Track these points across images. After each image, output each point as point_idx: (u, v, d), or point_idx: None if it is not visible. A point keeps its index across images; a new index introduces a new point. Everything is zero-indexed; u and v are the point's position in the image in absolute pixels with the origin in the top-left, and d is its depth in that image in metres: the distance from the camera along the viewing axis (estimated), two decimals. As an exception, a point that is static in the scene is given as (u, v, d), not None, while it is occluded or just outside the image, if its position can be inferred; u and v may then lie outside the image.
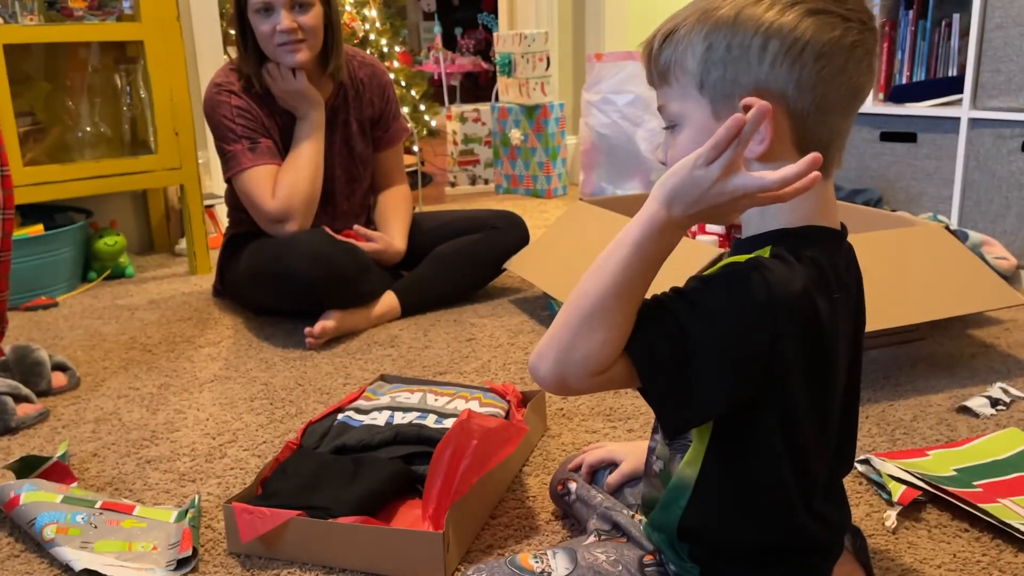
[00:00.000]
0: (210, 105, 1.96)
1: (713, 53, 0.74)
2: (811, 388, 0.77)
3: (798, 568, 0.84)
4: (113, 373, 1.73)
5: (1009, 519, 1.08)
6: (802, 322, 0.73)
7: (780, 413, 0.77)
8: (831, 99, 0.73)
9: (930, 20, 2.51)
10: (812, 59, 0.71)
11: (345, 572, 1.04)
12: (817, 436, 0.80)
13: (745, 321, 0.71)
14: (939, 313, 1.61)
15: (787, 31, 0.71)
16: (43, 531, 1.09)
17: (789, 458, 0.79)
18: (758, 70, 0.73)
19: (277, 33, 1.86)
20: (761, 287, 0.71)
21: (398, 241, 2.08)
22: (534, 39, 3.34)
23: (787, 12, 0.71)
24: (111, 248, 2.44)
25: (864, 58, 0.73)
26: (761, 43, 0.72)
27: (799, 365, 0.75)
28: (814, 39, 0.71)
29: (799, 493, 0.81)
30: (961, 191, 2.38)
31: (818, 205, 0.78)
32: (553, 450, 1.34)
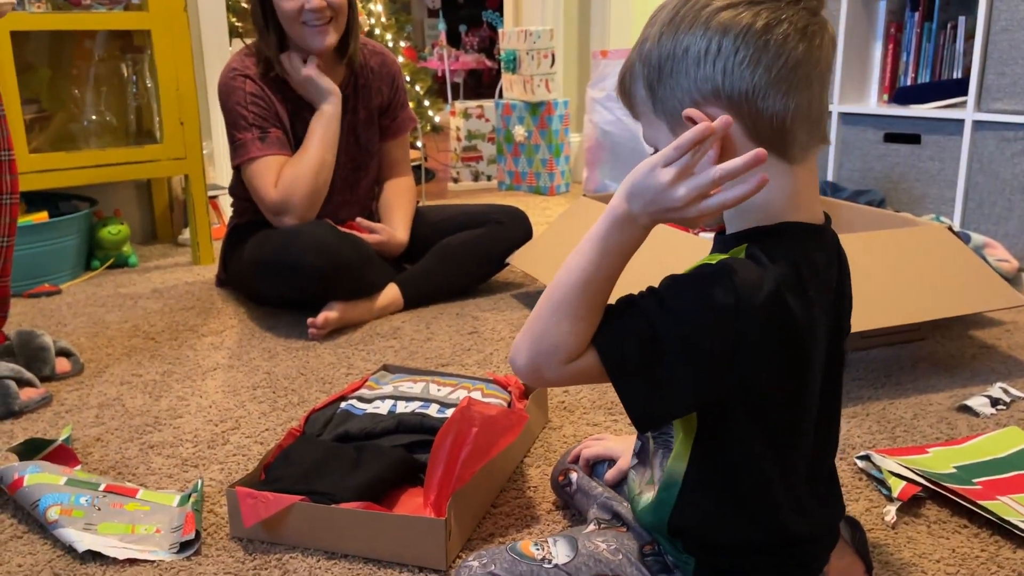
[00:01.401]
0: (224, 90, 1.95)
1: (651, 76, 0.78)
2: (785, 386, 0.77)
3: (791, 559, 0.85)
4: (116, 360, 1.74)
5: (1008, 516, 1.09)
6: (771, 324, 0.73)
7: (754, 412, 0.77)
8: (764, 81, 0.73)
9: (936, 22, 2.52)
10: (731, 52, 0.73)
11: (347, 558, 1.05)
12: (796, 431, 0.81)
13: (710, 323, 0.73)
14: (940, 313, 1.61)
15: (701, 35, 0.74)
16: (47, 512, 1.10)
17: (769, 455, 0.79)
18: (687, 79, 0.76)
19: (306, 12, 1.84)
20: (728, 291, 0.72)
21: (401, 233, 2.08)
22: (539, 36, 3.35)
23: (698, 20, 0.75)
24: (115, 237, 2.45)
25: (791, 34, 0.73)
26: (683, 53, 0.75)
27: (771, 365, 0.75)
28: (728, 34, 0.73)
29: (783, 488, 0.81)
30: (964, 193, 2.39)
31: (793, 197, 0.78)
32: (554, 442, 1.34)
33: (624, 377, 0.75)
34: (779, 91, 0.74)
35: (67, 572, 1.03)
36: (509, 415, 1.15)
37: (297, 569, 1.03)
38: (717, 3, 0.74)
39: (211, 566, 1.04)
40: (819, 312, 0.78)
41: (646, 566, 0.88)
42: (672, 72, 0.76)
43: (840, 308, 0.84)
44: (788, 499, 0.82)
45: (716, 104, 0.75)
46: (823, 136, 0.79)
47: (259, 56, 1.95)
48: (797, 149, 0.76)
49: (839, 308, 0.84)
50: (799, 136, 0.76)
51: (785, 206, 0.78)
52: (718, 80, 0.74)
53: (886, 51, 2.66)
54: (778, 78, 0.73)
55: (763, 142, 0.74)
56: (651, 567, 0.88)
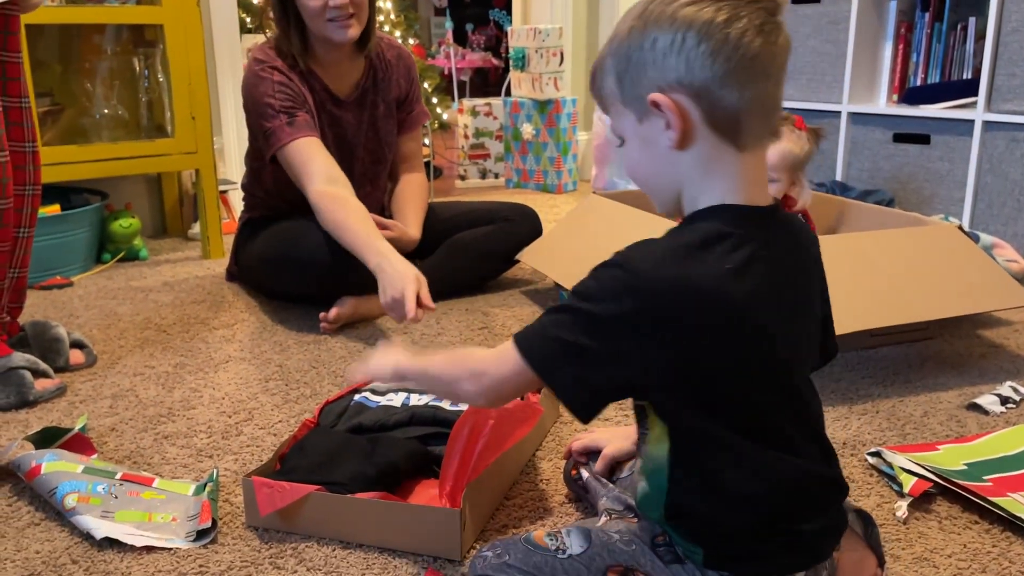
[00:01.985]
0: (251, 82, 1.92)
1: (620, 68, 0.83)
2: (729, 362, 0.79)
3: (794, 542, 0.84)
4: (129, 352, 1.75)
5: (1019, 512, 1.09)
6: (674, 298, 0.76)
7: (697, 391, 0.79)
8: (723, 72, 0.77)
9: (946, 23, 2.52)
10: (694, 44, 0.78)
11: (362, 547, 1.06)
12: (761, 409, 0.81)
13: (608, 302, 0.77)
14: (949, 312, 1.62)
15: (667, 28, 0.79)
16: (64, 500, 1.11)
17: (735, 436, 0.80)
18: (653, 69, 0.80)
19: (329, 8, 1.85)
20: (626, 271, 0.77)
21: (413, 230, 2.09)
22: (548, 34, 3.35)
23: (665, 14, 0.79)
24: (126, 230, 2.46)
25: (749, 29, 0.77)
26: (651, 45, 0.80)
27: (701, 344, 0.77)
28: (691, 28, 0.78)
29: (763, 468, 0.82)
30: (973, 193, 2.39)
31: (737, 182, 0.81)
32: (566, 436, 1.35)
33: (552, 374, 0.80)
34: (736, 81, 0.78)
35: (85, 559, 1.04)
36: (524, 408, 1.15)
37: (312, 558, 1.04)
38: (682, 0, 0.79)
39: (227, 554, 1.05)
40: (772, 287, 0.80)
41: (659, 556, 0.89)
42: (640, 63, 0.81)
43: (804, 286, 0.86)
44: (772, 479, 0.82)
45: (679, 91, 0.79)
46: (774, 130, 0.84)
47: (283, 51, 1.95)
48: (749, 138, 0.81)
49: (803, 286, 0.86)
50: (752, 126, 0.80)
51: (729, 189, 0.81)
52: (681, 70, 0.79)
53: (896, 51, 2.67)
54: (736, 69, 0.78)
55: (718, 128, 0.80)
56: (663, 557, 0.89)
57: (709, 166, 0.81)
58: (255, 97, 1.92)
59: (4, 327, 1.57)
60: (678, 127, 0.79)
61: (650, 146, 0.83)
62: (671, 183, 0.84)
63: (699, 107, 0.79)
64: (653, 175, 0.85)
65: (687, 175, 0.82)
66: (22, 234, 1.56)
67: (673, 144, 0.80)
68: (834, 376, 1.57)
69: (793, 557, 0.85)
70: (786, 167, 1.75)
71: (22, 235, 1.56)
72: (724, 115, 0.79)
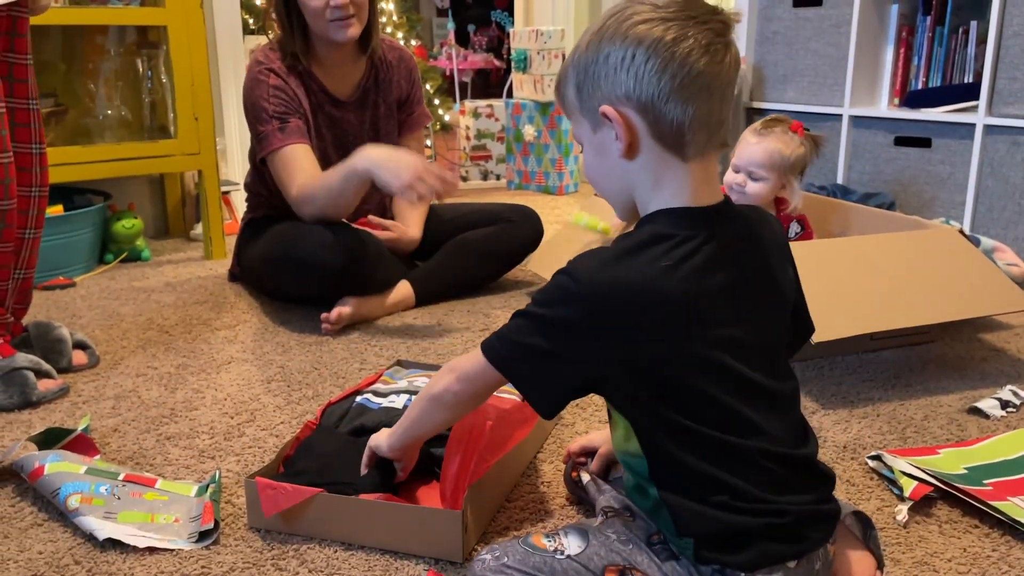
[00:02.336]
0: (249, 85, 1.95)
1: (578, 80, 0.88)
2: (673, 354, 0.83)
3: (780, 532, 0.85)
4: (131, 352, 1.75)
5: (1019, 517, 1.10)
6: (629, 305, 0.81)
7: (649, 386, 0.84)
8: (668, 89, 0.82)
9: (947, 27, 2.52)
10: (643, 60, 0.82)
11: (364, 549, 1.06)
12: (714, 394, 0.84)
13: (559, 304, 0.84)
14: (950, 315, 1.62)
15: (619, 44, 0.83)
16: (67, 501, 1.11)
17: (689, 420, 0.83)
18: (606, 82, 0.85)
19: (330, 8, 1.87)
20: (570, 276, 0.83)
21: (413, 230, 2.10)
22: (550, 36, 3.36)
23: (619, 32, 0.84)
24: (128, 231, 2.46)
25: (695, 48, 0.81)
26: (604, 59, 0.85)
27: (642, 340, 0.82)
28: (641, 45, 0.82)
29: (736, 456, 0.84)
30: (974, 197, 2.39)
31: (684, 189, 0.86)
32: (567, 438, 1.36)
33: (511, 370, 0.88)
34: (680, 98, 0.82)
35: (87, 560, 1.05)
36: (523, 409, 1.16)
37: (315, 560, 1.04)
38: (636, 17, 0.83)
39: (230, 555, 1.05)
40: (699, 280, 0.83)
41: (655, 553, 0.90)
42: (595, 76, 0.86)
43: (762, 274, 0.89)
44: (735, 461, 0.84)
45: (628, 105, 0.84)
46: (722, 141, 0.88)
47: (284, 51, 1.96)
48: (693, 150, 0.85)
49: (761, 274, 0.89)
50: (697, 139, 0.84)
51: (675, 193, 0.86)
52: (630, 85, 0.83)
53: (897, 54, 2.67)
54: (680, 86, 0.82)
55: (663, 140, 0.84)
56: (659, 554, 0.90)
57: (656, 174, 0.86)
58: (251, 99, 1.95)
59: (7, 327, 1.58)
60: (624, 139, 0.85)
61: (603, 154, 0.88)
62: (623, 188, 0.89)
63: (645, 120, 0.84)
64: (606, 181, 0.91)
65: (637, 182, 0.88)
66: (28, 235, 1.57)
67: (621, 154, 0.86)
68: (835, 379, 1.58)
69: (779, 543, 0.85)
70: (774, 166, 1.76)
71: (28, 236, 1.57)
72: (668, 129, 0.84)
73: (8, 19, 1.49)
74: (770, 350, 0.90)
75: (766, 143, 1.76)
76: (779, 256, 0.92)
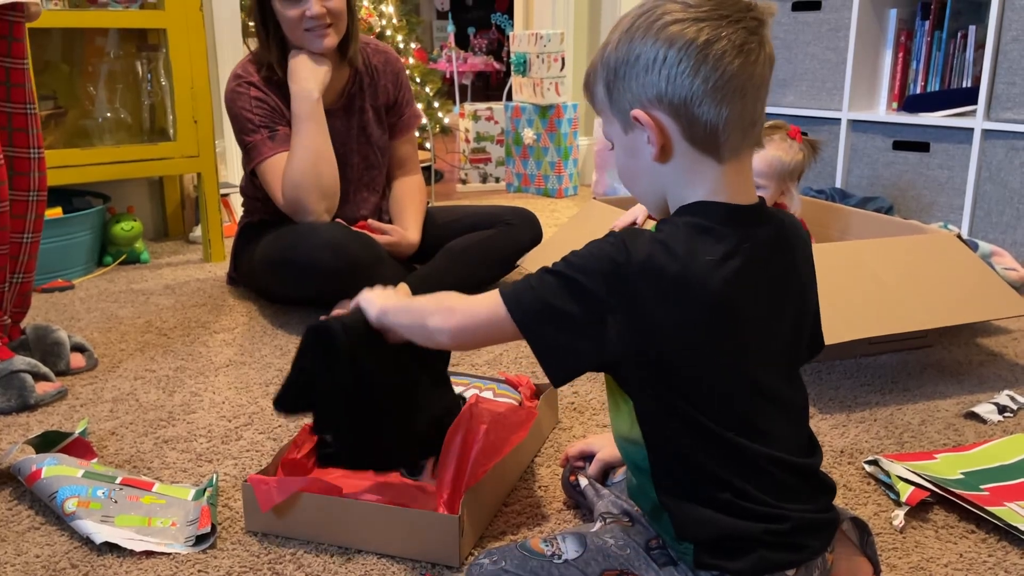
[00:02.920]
0: (230, 98, 1.98)
1: (608, 78, 0.86)
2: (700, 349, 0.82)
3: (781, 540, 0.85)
4: (129, 355, 1.75)
5: (1016, 522, 1.10)
6: (672, 293, 0.80)
7: (668, 376, 0.82)
8: (702, 91, 0.81)
9: (946, 31, 2.53)
10: (675, 62, 0.81)
11: (361, 553, 1.06)
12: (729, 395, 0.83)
13: (597, 272, 0.80)
14: (948, 320, 1.62)
15: (651, 45, 0.82)
16: (64, 504, 1.11)
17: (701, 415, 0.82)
18: (636, 83, 0.84)
19: (306, 19, 1.88)
20: (616, 248, 0.81)
21: (412, 233, 2.10)
22: (550, 39, 3.36)
23: (650, 31, 0.82)
24: (127, 233, 2.47)
25: (728, 49, 0.80)
26: (635, 60, 0.83)
27: (675, 329, 0.80)
28: (673, 46, 0.81)
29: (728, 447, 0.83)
30: (972, 201, 2.40)
31: (719, 189, 0.84)
32: (564, 442, 1.36)
33: (532, 329, 0.83)
34: (714, 100, 0.81)
35: (84, 563, 1.05)
36: (518, 411, 1.16)
37: (311, 564, 1.04)
38: (667, 17, 0.81)
39: (226, 559, 1.05)
40: (734, 280, 0.81)
41: (653, 559, 0.90)
42: (625, 76, 0.84)
43: (787, 282, 0.88)
44: (741, 464, 0.84)
45: (659, 108, 0.83)
46: (756, 141, 0.87)
47: (261, 62, 1.98)
48: (727, 151, 0.84)
49: (786, 282, 0.88)
50: (731, 140, 0.83)
51: (710, 192, 0.85)
52: (662, 87, 0.82)
53: (896, 59, 2.67)
54: (714, 88, 0.81)
55: (696, 143, 0.83)
56: (657, 560, 0.90)
57: (689, 176, 0.85)
58: (235, 112, 1.97)
59: (5, 330, 1.58)
60: (657, 142, 0.84)
61: (635, 156, 0.87)
62: (656, 190, 0.88)
63: (677, 124, 0.83)
64: (638, 181, 0.90)
65: (670, 183, 0.87)
66: (27, 239, 1.57)
67: (654, 157, 0.85)
68: (832, 384, 1.58)
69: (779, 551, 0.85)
70: (774, 174, 1.76)
71: (27, 240, 1.57)
72: (702, 131, 0.82)
73: (4, 23, 1.49)
74: (789, 358, 0.90)
75: (766, 151, 1.77)
76: (807, 264, 0.92)
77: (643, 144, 0.85)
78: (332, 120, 2.03)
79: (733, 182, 0.85)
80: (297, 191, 1.90)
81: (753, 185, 0.88)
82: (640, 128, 0.84)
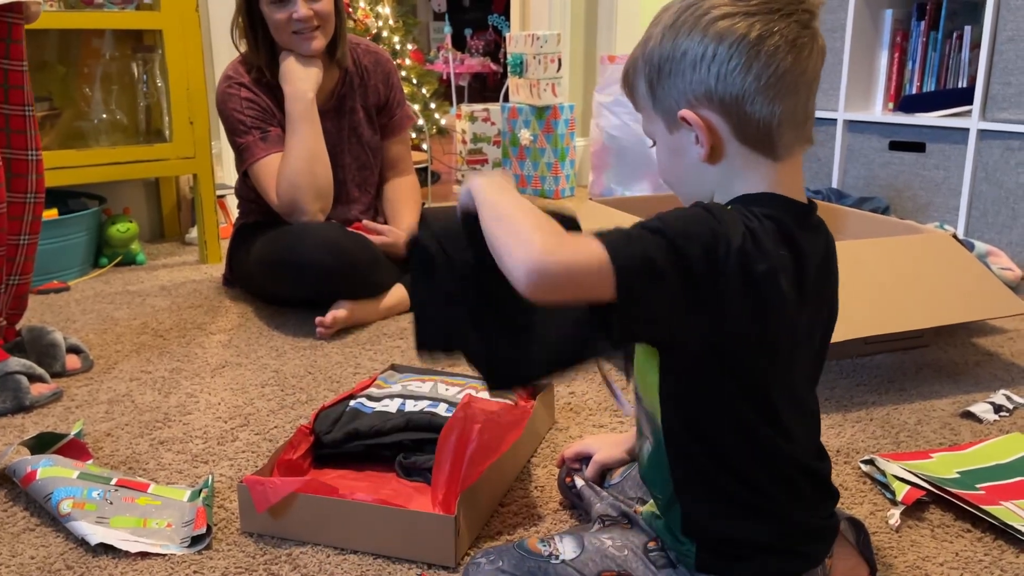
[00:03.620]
0: (221, 99, 1.99)
1: (651, 75, 0.83)
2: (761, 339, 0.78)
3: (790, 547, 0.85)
4: (125, 356, 1.75)
5: (1011, 521, 1.10)
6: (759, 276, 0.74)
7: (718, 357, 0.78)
8: (754, 88, 0.78)
9: (941, 31, 2.53)
10: (725, 59, 0.78)
11: (357, 553, 1.06)
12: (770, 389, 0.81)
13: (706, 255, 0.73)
14: (944, 320, 1.63)
15: (699, 40, 0.79)
16: (59, 505, 1.11)
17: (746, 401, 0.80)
18: (682, 80, 0.80)
19: (293, 21, 1.88)
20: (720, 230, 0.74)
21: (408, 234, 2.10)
22: (546, 40, 3.36)
23: (697, 26, 0.79)
24: (123, 235, 2.46)
25: (781, 45, 0.78)
26: (680, 55, 0.80)
27: (734, 306, 0.75)
28: (723, 42, 0.78)
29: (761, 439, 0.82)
30: (968, 201, 2.40)
31: (773, 188, 0.81)
32: (560, 442, 1.36)
33: (631, 287, 0.71)
34: (767, 97, 0.78)
35: (80, 564, 1.04)
36: (512, 411, 1.16)
37: (307, 564, 1.04)
38: (715, 12, 0.78)
39: (222, 560, 1.05)
40: (796, 277, 0.79)
41: (651, 561, 0.90)
42: (670, 73, 0.81)
43: (824, 289, 0.87)
44: (768, 461, 0.83)
45: (708, 106, 0.80)
46: (808, 138, 0.84)
47: (250, 65, 1.98)
48: (781, 149, 0.81)
49: (823, 289, 0.87)
50: (784, 138, 0.81)
51: (764, 189, 0.82)
52: (711, 84, 0.79)
53: (892, 59, 2.68)
54: (767, 85, 0.78)
55: (748, 142, 0.80)
56: (655, 562, 0.90)
57: (742, 175, 0.82)
58: (226, 113, 1.97)
59: (1, 332, 1.58)
60: (707, 143, 0.81)
61: (680, 155, 0.84)
62: (703, 190, 0.85)
63: (728, 123, 0.80)
64: (684, 182, 0.86)
65: (718, 183, 0.83)
66: (24, 241, 1.56)
67: (703, 158, 0.81)
68: (829, 383, 1.58)
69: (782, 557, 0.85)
70: None
71: (24, 242, 1.57)
72: (755, 130, 0.80)
73: (3, 24, 1.49)
74: (815, 364, 0.89)
75: None
76: (836, 275, 0.90)
77: (690, 144, 0.82)
78: (323, 121, 2.03)
79: (788, 181, 0.82)
80: (293, 191, 1.90)
81: (803, 186, 0.85)
82: (687, 128, 0.81)
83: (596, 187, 3.42)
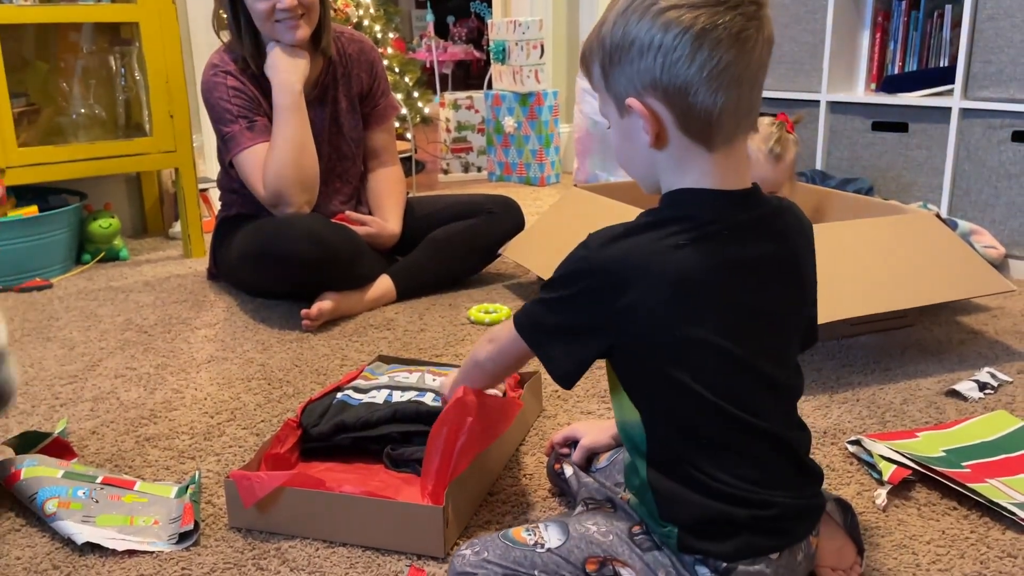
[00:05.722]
0: (207, 88, 1.96)
1: (604, 59, 0.85)
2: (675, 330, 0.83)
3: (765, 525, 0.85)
4: (110, 353, 1.74)
5: (997, 498, 1.11)
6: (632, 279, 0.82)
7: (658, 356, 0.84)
8: (698, 80, 0.80)
9: (922, 11, 2.53)
10: (670, 50, 0.79)
11: (345, 546, 1.06)
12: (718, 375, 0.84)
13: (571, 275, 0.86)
14: (928, 299, 1.63)
15: (646, 29, 0.80)
16: (44, 505, 1.10)
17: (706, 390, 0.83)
18: (631, 68, 0.82)
19: (278, 11, 1.86)
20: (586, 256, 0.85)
21: (392, 224, 2.09)
22: (528, 27, 3.35)
23: (646, 15, 0.81)
24: (105, 230, 2.44)
25: (725, 38, 0.79)
26: (629, 44, 0.82)
27: (645, 314, 0.82)
28: (668, 32, 0.79)
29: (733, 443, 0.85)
30: (951, 180, 2.41)
31: (707, 177, 0.84)
32: (549, 430, 1.36)
33: (541, 346, 0.90)
34: (710, 89, 0.80)
35: (66, 564, 1.04)
36: (504, 403, 1.16)
37: (296, 558, 1.04)
38: (663, 2, 0.80)
39: (210, 556, 1.05)
40: (706, 263, 0.82)
41: (637, 544, 0.90)
42: (620, 60, 0.83)
43: (779, 269, 0.88)
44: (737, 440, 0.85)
45: (654, 95, 0.82)
46: (751, 126, 0.86)
47: (235, 54, 1.96)
48: (719, 139, 0.83)
49: (777, 269, 0.88)
50: (724, 128, 0.83)
51: (701, 176, 0.84)
52: (656, 73, 0.81)
53: (873, 40, 2.68)
54: (709, 77, 0.79)
55: (690, 132, 0.83)
56: (641, 545, 0.90)
57: (681, 163, 0.85)
58: (212, 102, 1.95)
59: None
60: (652, 131, 0.83)
61: (630, 139, 0.87)
62: (650, 173, 0.88)
63: (672, 112, 0.82)
64: (633, 164, 0.90)
65: (663, 168, 0.86)
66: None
67: (649, 144, 0.84)
68: (814, 365, 1.59)
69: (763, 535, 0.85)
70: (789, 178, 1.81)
71: None
72: (697, 120, 0.82)
73: None
74: (781, 340, 0.90)
75: (784, 163, 1.78)
76: (806, 250, 0.91)
77: (639, 130, 0.84)
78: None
79: (722, 169, 0.84)
80: (280, 183, 1.88)
81: (746, 169, 0.87)
82: (635, 115, 0.83)
83: (580, 173, 3.42)
